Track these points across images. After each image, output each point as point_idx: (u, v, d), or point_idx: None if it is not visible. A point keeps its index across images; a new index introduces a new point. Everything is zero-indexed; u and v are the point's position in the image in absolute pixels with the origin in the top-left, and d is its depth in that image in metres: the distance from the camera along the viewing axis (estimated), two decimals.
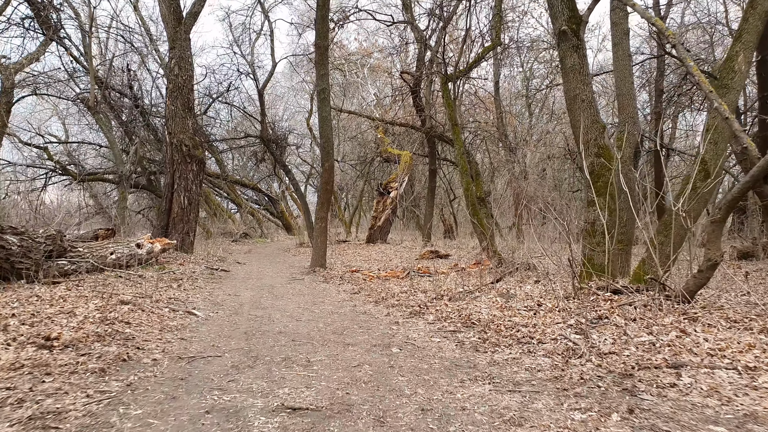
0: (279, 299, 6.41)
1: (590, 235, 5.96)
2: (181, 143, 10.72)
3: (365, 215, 26.37)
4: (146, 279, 7.32)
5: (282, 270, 10.17)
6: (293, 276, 9.09)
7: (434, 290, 6.42)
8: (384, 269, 10.25)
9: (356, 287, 7.44)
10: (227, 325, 4.79)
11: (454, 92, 10.17)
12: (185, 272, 8.49)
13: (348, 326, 4.80)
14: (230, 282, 8.05)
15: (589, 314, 4.69)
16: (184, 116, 10.88)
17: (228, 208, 22.41)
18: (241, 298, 6.45)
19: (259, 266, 10.83)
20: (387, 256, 13.45)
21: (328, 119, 9.45)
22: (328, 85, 9.48)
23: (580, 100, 6.27)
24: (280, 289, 7.32)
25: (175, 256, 10.17)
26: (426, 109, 13.72)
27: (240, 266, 10.54)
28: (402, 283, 7.73)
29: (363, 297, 6.49)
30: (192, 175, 10.79)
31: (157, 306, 5.25)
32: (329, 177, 9.55)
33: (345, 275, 9.02)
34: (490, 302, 5.41)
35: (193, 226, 10.85)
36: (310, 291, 7.24)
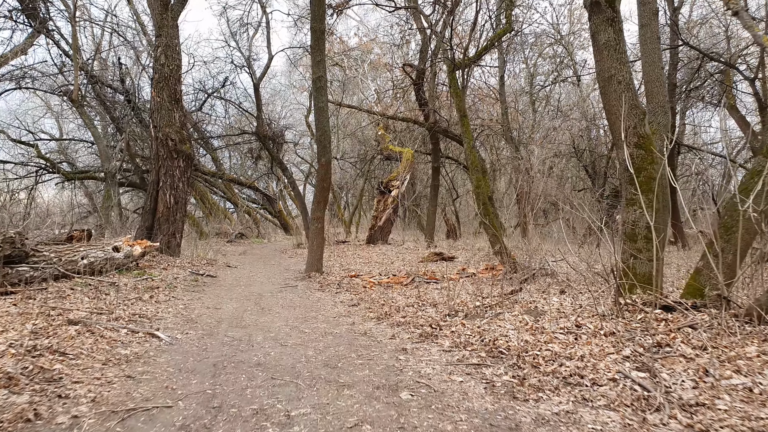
0: (265, 314, 5.38)
1: (631, 239, 4.93)
2: (167, 137, 9.69)
3: (365, 215, 25.34)
4: (118, 287, 6.29)
5: (275, 274, 9.15)
6: (286, 282, 8.06)
7: (446, 303, 5.40)
8: (386, 274, 9.22)
9: (355, 297, 6.42)
10: (194, 353, 3.76)
11: (462, 81, 9.15)
12: (166, 278, 7.47)
13: (344, 354, 3.77)
14: (214, 290, 7.02)
15: (645, 340, 3.68)
16: (171, 108, 9.85)
17: (225, 208, 21.37)
18: (221, 311, 5.42)
19: (250, 270, 9.80)
20: (388, 258, 12.43)
21: (324, 110, 8.42)
22: (324, 73, 8.45)
23: (616, 81, 5.24)
24: (269, 300, 6.29)
25: (159, 260, 9.15)
26: (429, 102, 12.69)
27: (230, 270, 9.52)
28: (407, 292, 6.71)
29: (363, 311, 5.46)
30: (179, 172, 9.76)
31: (115, 326, 4.22)
32: (326, 174, 8.52)
33: (343, 281, 8.00)
34: (517, 321, 4.38)
35: (179, 227, 9.82)
36: (302, 302, 6.21)
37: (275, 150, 15.10)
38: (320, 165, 8.51)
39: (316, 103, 8.43)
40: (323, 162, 8.44)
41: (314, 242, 8.56)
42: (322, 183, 8.52)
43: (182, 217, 9.95)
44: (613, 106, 5.25)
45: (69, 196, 23.11)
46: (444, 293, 6.37)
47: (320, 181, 8.54)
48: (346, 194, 25.64)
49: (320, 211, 8.55)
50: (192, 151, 9.97)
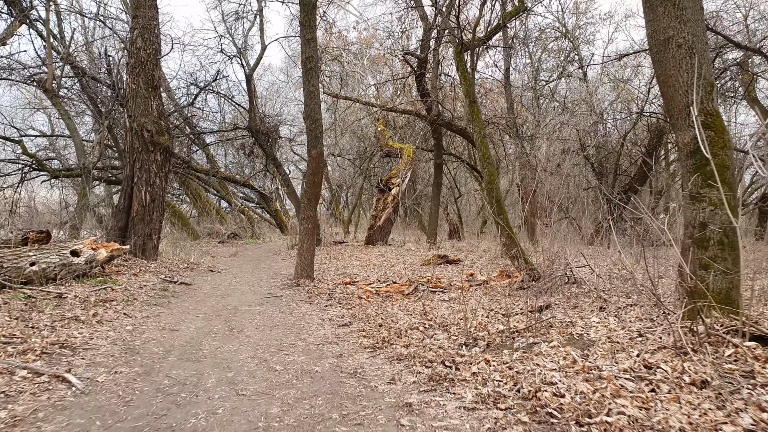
0: (232, 338, 4.16)
1: (700, 246, 3.71)
2: (142, 128, 8.47)
3: (365, 214, 24.11)
4: (63, 300, 5.09)
5: (261, 281, 7.93)
6: (270, 291, 6.84)
7: (459, 323, 4.18)
8: (385, 279, 8.01)
9: (347, 313, 5.20)
10: (110, 410, 2.55)
11: (472, 63, 7.92)
12: (130, 287, 6.25)
13: (323, 413, 2.56)
14: (182, 303, 5.80)
15: (759, 394, 2.46)
16: (147, 96, 8.63)
17: (220, 207, 20.15)
18: (177, 335, 4.20)
19: (235, 275, 8.58)
20: (388, 260, 11.21)
21: (315, 96, 7.20)
22: (315, 53, 7.22)
23: (675, 44, 4.02)
24: (243, 317, 5.07)
25: (132, 264, 7.93)
26: (432, 93, 11.48)
27: (211, 276, 8.30)
28: (410, 306, 5.49)
29: (355, 334, 4.23)
30: (155, 166, 8.54)
31: (12, 364, 3.01)
32: (317, 167, 7.30)
33: (336, 290, 6.79)
34: (559, 357, 3.16)
35: (156, 227, 8.61)
36: (283, 320, 4.99)
37: (269, 146, 13.87)
38: (311, 157, 7.29)
39: (306, 88, 7.20)
40: (314, 154, 7.22)
41: (304, 245, 7.34)
42: (313, 178, 7.30)
43: (159, 217, 8.73)
44: (671, 76, 4.02)
45: (59, 195, 21.96)
46: (454, 308, 5.15)
47: (311, 176, 7.32)
48: (345, 193, 24.42)
49: (311, 209, 7.34)
50: (171, 144, 8.76)
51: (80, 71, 14.15)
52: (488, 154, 6.87)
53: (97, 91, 14.89)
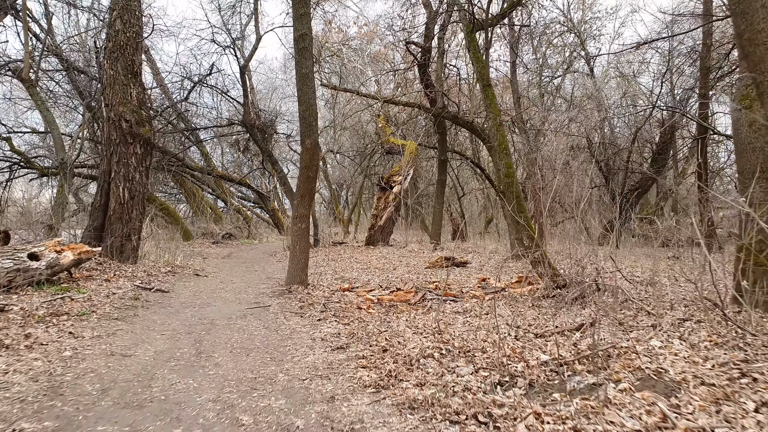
0: (197, 368, 3.19)
1: None
2: (120, 118, 7.50)
3: (365, 214, 23.13)
4: (4, 314, 4.12)
5: (250, 286, 6.96)
6: (258, 299, 5.87)
7: (484, 347, 3.21)
8: (387, 284, 7.04)
9: (344, 329, 4.23)
10: None
11: (486, 42, 6.95)
12: (95, 297, 5.29)
13: None
14: (151, 316, 4.83)
15: None
16: (126, 83, 7.67)
17: (216, 206, 19.17)
18: (128, 363, 3.23)
19: (222, 280, 7.61)
20: (390, 262, 10.24)
21: (309, 77, 6.22)
22: (309, 31, 6.25)
23: None
24: (219, 334, 4.10)
25: (106, 268, 6.96)
26: (436, 84, 10.52)
27: (195, 281, 7.32)
28: (418, 319, 4.53)
29: (353, 363, 3.25)
30: (135, 160, 7.58)
31: None
32: (312, 160, 6.32)
33: (332, 298, 5.83)
34: (637, 408, 2.19)
35: (136, 227, 7.65)
36: (265, 339, 4.01)
37: (264, 141, 12.90)
38: (304, 148, 6.32)
39: (299, 69, 6.23)
40: (308, 144, 6.25)
41: (297, 247, 6.36)
42: (307, 171, 6.33)
43: (140, 215, 7.76)
44: (760, 31, 3.07)
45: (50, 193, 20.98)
46: (473, 323, 4.18)
47: (304, 169, 6.34)
48: (345, 192, 23.45)
49: (304, 207, 6.36)
50: (152, 135, 7.79)
51: (68, 64, 13.19)
52: (505, 144, 5.90)
53: (87, 86, 13.94)
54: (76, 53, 14.24)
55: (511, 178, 5.73)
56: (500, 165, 5.82)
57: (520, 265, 9.32)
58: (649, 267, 9.00)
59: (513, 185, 5.72)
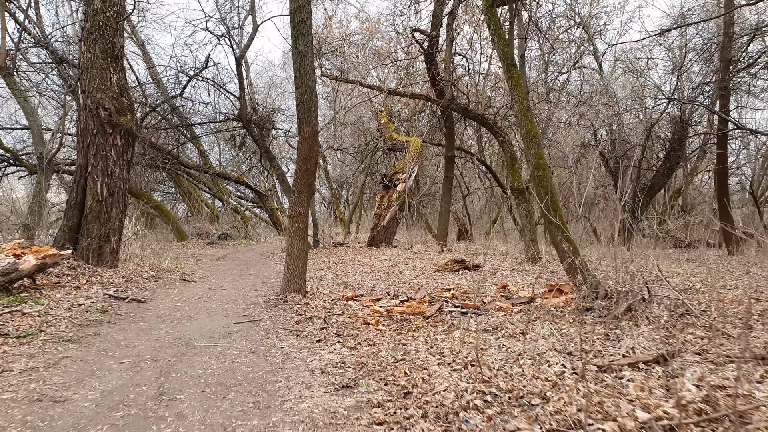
0: (153, 419, 2.27)
1: None
2: (98, 105, 6.58)
3: (366, 214, 22.20)
4: None
5: (241, 293, 6.03)
6: (248, 311, 4.94)
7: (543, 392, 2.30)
8: (395, 291, 6.13)
9: (350, 354, 3.31)
10: None
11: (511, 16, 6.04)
12: (54, 309, 4.37)
13: None
14: (114, 335, 3.90)
15: None
16: (105, 68, 6.75)
17: (215, 206, 18.23)
18: (55, 413, 2.31)
19: (211, 286, 6.68)
20: (395, 265, 9.33)
21: (308, 56, 5.30)
22: (308, 2, 5.33)
23: None
24: (193, 363, 3.18)
25: (79, 274, 6.02)
26: (445, 74, 9.60)
27: (181, 288, 6.40)
28: (440, 341, 3.62)
29: (365, 413, 2.33)
30: (114, 153, 6.66)
31: None
32: (310, 150, 5.40)
33: (334, 309, 4.92)
34: None
35: (116, 227, 6.73)
36: (250, 370, 3.09)
37: (262, 137, 11.97)
38: (302, 137, 5.39)
39: (296, 46, 5.31)
40: (306, 132, 5.33)
41: (293, 250, 5.44)
42: (305, 164, 5.41)
43: (120, 214, 6.83)
44: None
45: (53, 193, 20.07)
46: (511, 348, 3.27)
47: (302, 161, 5.42)
48: (346, 191, 22.52)
49: (302, 204, 5.44)
50: (134, 126, 6.85)
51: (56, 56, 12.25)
52: (535, 132, 4.98)
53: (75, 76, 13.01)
54: (68, 45, 13.31)
55: (542, 170, 4.82)
56: (530, 155, 4.91)
57: (537, 269, 8.43)
58: (676, 271, 8.12)
59: (545, 179, 4.81)
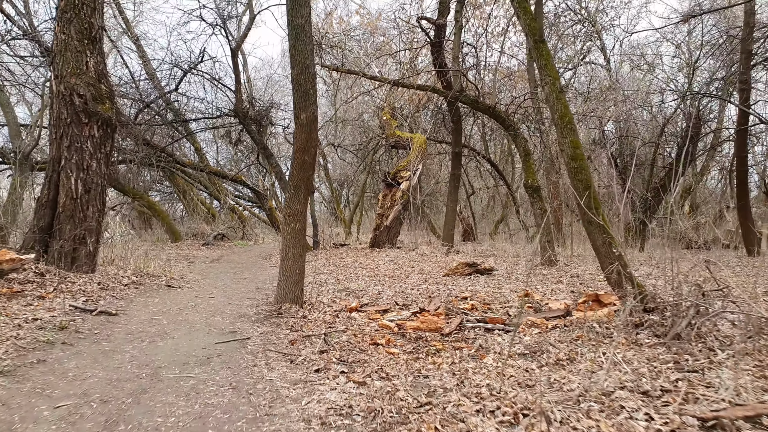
0: None
1: None
2: (71, 91, 5.80)
3: (367, 214, 21.40)
4: None
5: (231, 302, 5.24)
6: (235, 327, 4.14)
7: None
8: (404, 299, 5.35)
9: (358, 393, 2.51)
10: None
11: None
12: (2, 327, 3.57)
13: None
14: (67, 361, 3.11)
15: None
16: (81, 50, 5.97)
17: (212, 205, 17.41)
18: None
19: (198, 293, 5.89)
20: (400, 268, 8.55)
21: (305, 31, 4.51)
22: None
23: None
24: (153, 405, 2.38)
25: (47, 281, 5.22)
26: (454, 64, 8.81)
27: (163, 296, 5.59)
28: (466, 367, 2.83)
29: None
30: (91, 145, 5.88)
31: None
32: (308, 140, 4.60)
33: (336, 323, 4.13)
34: None
35: (93, 227, 5.94)
36: (224, 420, 2.29)
37: (259, 133, 11.18)
38: (298, 125, 4.60)
39: (292, 20, 4.51)
40: (304, 119, 4.53)
41: (289, 253, 4.65)
42: (302, 155, 4.61)
43: (98, 213, 6.02)
44: None
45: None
46: (567, 387, 2.47)
47: (299, 152, 4.63)
48: (346, 191, 21.71)
49: (298, 202, 4.65)
50: (113, 115, 6.05)
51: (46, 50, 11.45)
52: (569, 117, 4.19)
53: None
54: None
55: (580, 161, 4.03)
56: (564, 144, 4.12)
57: (554, 273, 7.65)
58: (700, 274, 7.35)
59: (583, 171, 4.02)
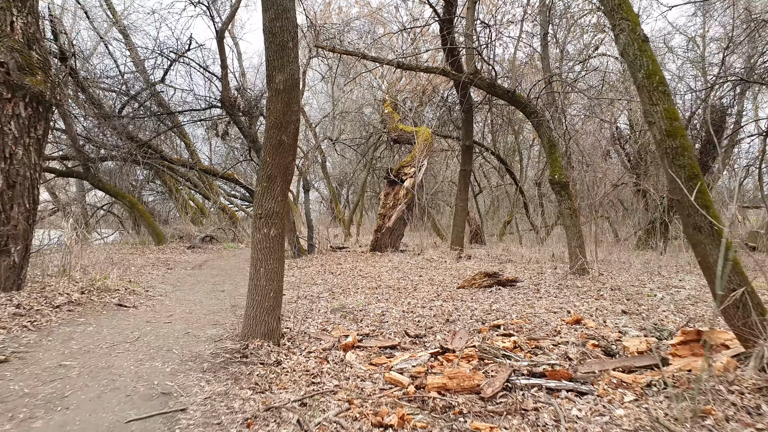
0: None
1: None
2: None
3: (367, 214, 19.97)
4: None
5: (186, 334, 3.81)
6: (175, 378, 2.72)
7: None
8: (414, 324, 3.94)
9: None
10: None
11: None
12: None
13: None
14: None
15: None
16: (5, 8, 4.56)
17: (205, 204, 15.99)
18: None
19: (154, 314, 4.46)
20: (407, 276, 7.13)
21: None
22: None
23: None
24: None
25: None
26: (467, 42, 7.39)
27: (102, 321, 4.16)
28: None
29: None
30: (16, 127, 4.48)
31: None
32: (285, 112, 3.19)
33: (322, 377, 2.71)
34: None
35: (19, 232, 4.52)
36: None
37: (250, 125, 9.77)
38: (272, 91, 3.18)
39: None
40: (280, 83, 3.12)
41: (260, 270, 3.23)
42: (278, 133, 3.19)
43: (27, 213, 4.59)
44: None
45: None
46: None
47: (273, 129, 3.21)
48: (346, 191, 20.27)
49: (273, 199, 3.23)
50: (48, 90, 4.64)
51: None
52: (660, 76, 2.78)
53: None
54: None
55: (679, 138, 2.63)
56: (654, 113, 2.72)
57: (590, 285, 6.24)
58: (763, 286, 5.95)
59: (685, 152, 2.61)
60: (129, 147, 11.87)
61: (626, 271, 7.28)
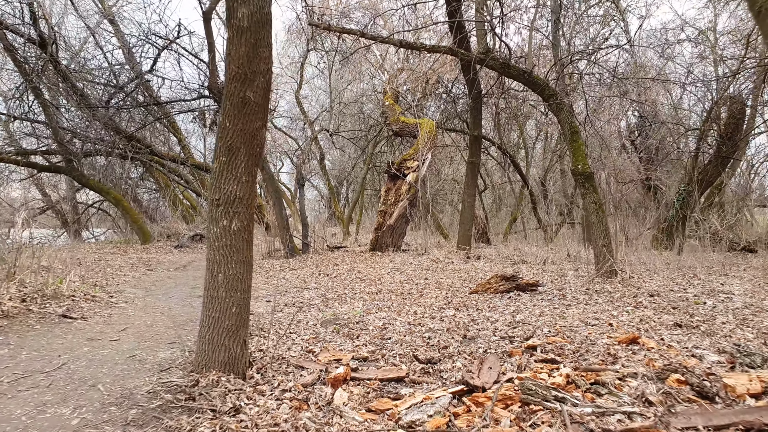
0: None
1: None
2: None
3: (367, 212, 19.04)
4: None
5: (132, 356, 2.89)
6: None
7: None
8: (423, 341, 3.00)
9: None
10: None
11: None
12: None
13: None
14: None
15: None
16: None
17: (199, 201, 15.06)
18: None
19: (103, 329, 3.54)
20: (411, 280, 6.19)
21: None
22: None
23: None
24: None
25: None
26: (477, 17, 6.44)
27: (34, 338, 3.24)
28: None
29: None
30: None
31: None
32: (251, 60, 2.27)
33: None
34: None
35: None
36: None
37: None
38: (233, 29, 2.24)
39: None
40: (243, 18, 2.19)
41: (218, 277, 2.30)
42: (242, 89, 2.26)
43: None
44: None
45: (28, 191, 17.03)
46: None
47: (235, 83, 2.27)
48: (345, 189, 19.32)
49: (235, 179, 2.30)
50: None
51: None
52: None
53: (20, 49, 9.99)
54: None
55: None
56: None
57: (621, 289, 5.32)
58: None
59: None
60: (114, 140, 10.96)
61: (656, 273, 6.35)
